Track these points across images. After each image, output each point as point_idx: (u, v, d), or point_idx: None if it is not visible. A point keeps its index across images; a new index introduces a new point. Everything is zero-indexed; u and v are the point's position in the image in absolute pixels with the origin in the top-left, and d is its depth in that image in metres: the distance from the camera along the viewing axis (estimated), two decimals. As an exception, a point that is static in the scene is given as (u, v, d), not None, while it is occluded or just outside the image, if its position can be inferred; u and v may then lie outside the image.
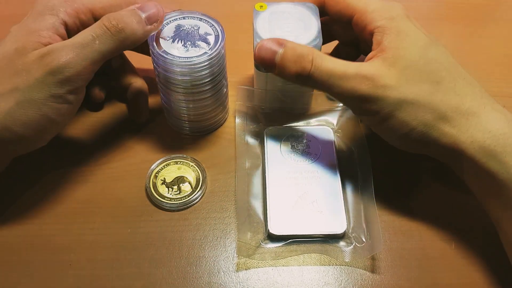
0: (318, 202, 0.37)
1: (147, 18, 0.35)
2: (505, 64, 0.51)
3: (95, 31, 0.33)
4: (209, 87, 0.38)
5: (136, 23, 0.34)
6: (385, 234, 0.37)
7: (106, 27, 0.33)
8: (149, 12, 0.35)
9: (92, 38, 0.33)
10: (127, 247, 0.36)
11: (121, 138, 0.42)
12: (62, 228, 0.37)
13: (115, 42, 0.33)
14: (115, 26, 0.33)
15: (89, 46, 0.33)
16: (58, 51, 0.32)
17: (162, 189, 0.39)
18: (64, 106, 0.33)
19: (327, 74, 0.33)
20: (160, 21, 0.36)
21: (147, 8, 0.35)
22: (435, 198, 0.39)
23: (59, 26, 0.35)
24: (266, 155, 0.40)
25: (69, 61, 0.32)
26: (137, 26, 0.34)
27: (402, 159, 0.41)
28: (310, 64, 0.33)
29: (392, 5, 0.36)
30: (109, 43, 0.33)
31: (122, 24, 0.34)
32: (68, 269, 0.35)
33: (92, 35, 0.33)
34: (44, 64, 0.32)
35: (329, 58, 0.34)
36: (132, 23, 0.34)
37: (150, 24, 0.35)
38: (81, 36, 0.33)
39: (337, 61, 0.34)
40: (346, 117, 0.43)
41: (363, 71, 0.33)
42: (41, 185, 0.39)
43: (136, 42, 0.35)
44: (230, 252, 0.36)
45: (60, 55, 0.32)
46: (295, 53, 0.34)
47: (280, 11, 0.40)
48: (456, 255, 0.36)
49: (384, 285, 0.34)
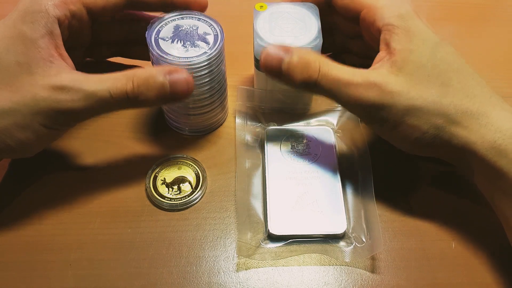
0: (318, 202, 0.37)
1: (171, 94, 0.33)
2: (505, 64, 0.51)
3: (114, 90, 0.32)
4: (209, 87, 0.38)
5: (158, 98, 0.33)
6: (385, 234, 0.37)
7: (127, 92, 0.32)
8: (177, 89, 0.33)
9: (109, 96, 0.32)
10: (127, 247, 0.36)
11: (121, 138, 0.42)
12: (62, 228, 0.37)
13: (126, 105, 0.33)
14: (135, 97, 0.32)
15: (103, 102, 0.32)
16: (73, 94, 0.31)
17: (162, 189, 0.39)
18: (60, 133, 0.35)
19: (334, 82, 0.33)
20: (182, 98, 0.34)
21: (178, 85, 0.33)
22: (435, 198, 0.39)
23: (53, 28, 0.33)
24: (266, 155, 0.40)
25: (80, 110, 0.32)
26: (157, 101, 0.33)
27: (402, 159, 0.41)
28: (317, 72, 0.33)
29: (401, 2, 0.36)
30: (121, 105, 0.33)
31: (143, 97, 0.32)
32: (68, 269, 0.35)
33: (110, 93, 0.32)
34: (54, 100, 0.31)
35: (336, 65, 0.34)
36: (153, 98, 0.33)
37: (171, 100, 0.34)
38: (100, 87, 0.32)
39: (344, 68, 0.34)
40: (346, 117, 0.43)
41: (371, 77, 0.33)
42: (41, 185, 0.39)
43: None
44: (230, 252, 0.36)
45: (73, 100, 0.31)
46: (302, 60, 0.33)
47: (280, 11, 0.40)
48: (456, 255, 0.36)
49: (384, 285, 0.34)
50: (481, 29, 0.55)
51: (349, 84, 0.33)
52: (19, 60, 0.32)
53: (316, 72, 0.33)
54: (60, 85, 0.31)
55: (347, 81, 0.33)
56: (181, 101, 0.34)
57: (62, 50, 0.34)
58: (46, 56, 0.32)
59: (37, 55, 0.32)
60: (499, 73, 0.49)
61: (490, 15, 0.57)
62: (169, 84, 0.33)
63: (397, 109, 0.33)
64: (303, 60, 0.33)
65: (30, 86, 0.31)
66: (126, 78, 0.32)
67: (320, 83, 0.33)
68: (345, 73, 0.33)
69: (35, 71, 0.32)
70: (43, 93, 0.31)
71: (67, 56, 0.34)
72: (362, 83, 0.33)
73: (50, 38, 0.33)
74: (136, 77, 0.32)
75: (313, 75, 0.33)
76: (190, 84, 0.34)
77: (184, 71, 0.34)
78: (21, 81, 0.31)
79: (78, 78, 0.32)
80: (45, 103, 0.31)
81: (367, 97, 0.33)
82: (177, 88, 0.33)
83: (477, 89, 0.34)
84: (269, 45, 0.35)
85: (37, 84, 0.31)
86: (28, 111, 0.31)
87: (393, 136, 0.35)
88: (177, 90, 0.33)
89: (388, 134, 0.35)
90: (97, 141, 0.42)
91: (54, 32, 0.33)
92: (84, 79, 0.32)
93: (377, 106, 0.33)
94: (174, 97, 0.33)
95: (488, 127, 0.32)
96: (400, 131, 0.34)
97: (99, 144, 0.42)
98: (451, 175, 0.40)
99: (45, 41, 0.32)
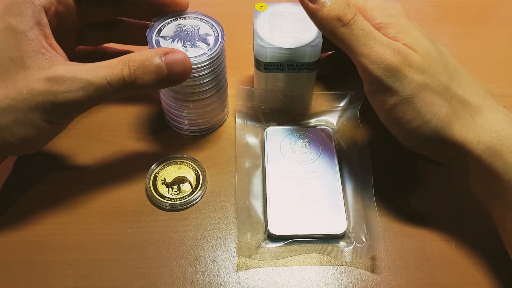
0: (318, 202, 0.37)
1: (168, 75, 0.33)
2: (505, 64, 0.51)
3: (111, 77, 0.31)
4: (209, 87, 0.38)
5: (156, 81, 0.32)
6: (385, 234, 0.37)
7: (124, 78, 0.31)
8: (174, 71, 0.33)
9: (106, 83, 0.31)
10: (127, 247, 0.36)
11: (121, 138, 0.42)
12: (62, 228, 0.37)
13: (125, 91, 0.32)
14: (133, 82, 0.32)
15: (101, 90, 0.31)
16: (69, 84, 0.31)
17: (162, 189, 0.39)
18: (61, 127, 0.34)
19: (365, 30, 0.33)
20: (180, 80, 0.34)
21: (175, 66, 0.33)
22: (435, 198, 0.39)
23: (40, 17, 0.32)
24: (266, 155, 0.40)
25: (79, 100, 0.31)
26: (155, 84, 0.33)
27: (402, 159, 0.41)
28: (354, 14, 0.33)
29: (391, 4, 0.36)
30: (119, 91, 0.32)
31: (140, 82, 0.32)
32: (68, 269, 0.35)
33: (107, 80, 0.31)
34: (51, 92, 0.31)
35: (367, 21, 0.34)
36: (151, 81, 0.32)
37: (169, 82, 0.33)
38: (96, 75, 0.31)
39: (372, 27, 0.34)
40: (346, 117, 0.43)
41: (395, 44, 0.33)
42: (41, 185, 0.39)
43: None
44: (230, 252, 0.36)
45: (71, 91, 0.31)
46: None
47: (280, 11, 0.40)
48: (456, 255, 0.36)
49: (384, 285, 0.34)
50: (481, 29, 0.55)
51: (377, 40, 0.33)
52: (10, 55, 0.31)
53: (353, 13, 0.33)
54: (55, 76, 0.31)
55: (376, 36, 0.33)
56: (179, 83, 0.34)
57: (52, 40, 0.33)
58: (38, 48, 0.32)
59: (29, 48, 0.31)
60: (499, 73, 0.49)
61: (490, 15, 0.57)
62: (165, 65, 0.32)
63: (411, 85, 0.33)
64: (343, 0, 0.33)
65: (26, 81, 0.31)
66: (122, 64, 0.32)
67: (352, 25, 0.33)
68: (375, 30, 0.33)
69: (28, 65, 0.31)
70: (39, 87, 0.31)
71: (58, 46, 0.34)
72: (389, 46, 0.33)
73: (39, 29, 0.32)
74: (132, 62, 0.32)
75: (349, 14, 0.33)
76: (187, 64, 0.33)
77: (180, 51, 0.33)
78: (16, 76, 0.31)
79: (73, 68, 0.32)
80: (42, 97, 0.31)
81: (390, 59, 0.32)
82: (174, 69, 0.33)
83: (472, 89, 0.34)
84: None
85: (32, 78, 0.31)
86: (27, 107, 0.31)
87: (395, 118, 0.34)
88: (174, 71, 0.33)
89: (391, 115, 0.34)
90: (97, 141, 0.42)
91: (42, 22, 0.32)
92: (79, 68, 0.32)
93: (395, 72, 0.33)
94: (172, 79, 0.33)
95: (484, 127, 0.33)
96: (405, 112, 0.33)
97: (99, 144, 0.42)
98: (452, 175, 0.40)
99: (34, 32, 0.32)
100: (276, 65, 0.39)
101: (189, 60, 0.33)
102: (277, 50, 0.38)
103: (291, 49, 0.38)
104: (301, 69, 0.39)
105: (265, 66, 0.39)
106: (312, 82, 0.42)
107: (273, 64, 0.39)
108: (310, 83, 0.42)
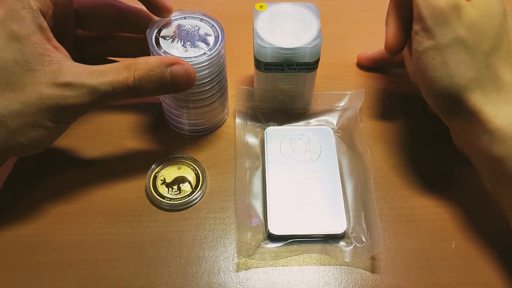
0: (318, 202, 0.37)
1: (171, 85, 0.33)
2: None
3: (116, 84, 0.32)
4: (209, 87, 0.38)
5: (159, 90, 0.33)
6: (385, 234, 0.37)
7: (128, 86, 0.32)
8: (178, 82, 0.34)
9: (111, 89, 0.32)
10: (127, 247, 0.36)
11: (121, 138, 0.42)
12: (62, 228, 0.37)
13: (128, 97, 0.33)
14: (137, 90, 0.32)
15: (106, 95, 0.32)
16: (77, 90, 0.31)
17: (162, 189, 0.39)
18: (67, 126, 0.35)
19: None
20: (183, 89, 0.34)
21: (179, 78, 0.33)
22: (435, 198, 0.39)
23: (40, 22, 0.32)
24: (266, 155, 0.40)
25: (84, 104, 0.32)
26: (158, 92, 0.33)
27: (402, 159, 0.41)
28: None
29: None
30: (123, 97, 0.33)
31: (144, 90, 0.33)
32: (68, 269, 0.35)
33: (113, 87, 0.32)
34: (60, 97, 0.31)
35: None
36: (154, 90, 0.33)
37: (172, 91, 0.34)
38: (102, 81, 0.32)
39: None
40: (346, 117, 0.43)
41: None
42: (41, 185, 0.39)
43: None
44: (230, 252, 0.36)
45: (78, 96, 0.31)
46: None
47: (280, 11, 0.40)
48: (456, 255, 0.36)
49: (384, 285, 0.34)
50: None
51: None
52: (16, 58, 0.31)
53: None
54: (64, 82, 0.31)
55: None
56: (182, 92, 0.35)
57: (55, 42, 0.34)
58: (43, 51, 0.32)
59: (34, 52, 0.32)
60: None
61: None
62: (170, 76, 0.33)
63: (450, 34, 0.33)
64: None
65: (33, 85, 0.31)
66: (127, 71, 0.32)
67: None
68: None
69: (35, 68, 0.31)
70: (47, 91, 0.31)
71: (61, 47, 0.34)
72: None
73: (41, 33, 0.32)
74: (137, 70, 0.32)
75: None
76: (191, 75, 0.34)
77: (185, 62, 0.34)
78: (23, 80, 0.31)
79: (80, 72, 0.32)
80: (50, 101, 0.31)
81: (441, 1, 0.32)
82: (178, 80, 0.33)
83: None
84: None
85: (40, 82, 0.31)
86: (36, 110, 0.31)
87: (424, 61, 0.34)
88: (178, 82, 0.34)
89: (421, 58, 0.34)
90: (97, 141, 0.42)
91: (43, 26, 0.33)
92: (86, 73, 0.32)
93: (440, 16, 0.33)
94: (175, 89, 0.34)
95: (507, 105, 0.32)
96: (434, 59, 0.33)
97: (99, 144, 0.42)
98: (451, 175, 0.40)
99: (37, 36, 0.32)
100: (276, 65, 0.39)
101: (194, 71, 0.34)
102: (277, 50, 0.38)
103: (291, 49, 0.38)
104: (301, 69, 0.39)
105: (265, 66, 0.39)
106: (312, 82, 0.42)
107: (273, 64, 0.39)
108: (310, 83, 0.42)
